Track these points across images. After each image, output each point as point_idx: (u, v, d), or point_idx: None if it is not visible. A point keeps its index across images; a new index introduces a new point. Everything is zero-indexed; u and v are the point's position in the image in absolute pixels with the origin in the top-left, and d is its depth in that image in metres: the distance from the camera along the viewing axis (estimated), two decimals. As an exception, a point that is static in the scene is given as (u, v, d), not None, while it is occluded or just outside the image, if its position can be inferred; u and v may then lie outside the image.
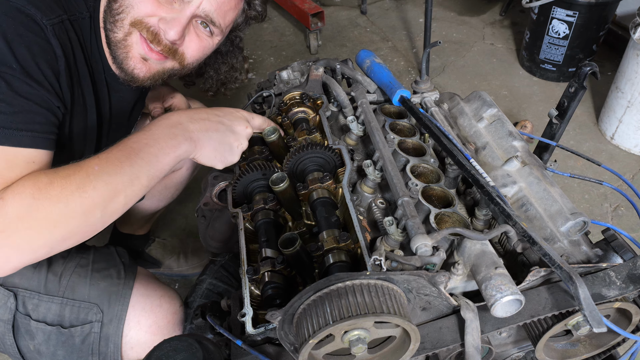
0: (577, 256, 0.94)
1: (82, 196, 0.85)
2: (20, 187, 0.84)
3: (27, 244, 0.83)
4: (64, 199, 0.84)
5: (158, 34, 1.09)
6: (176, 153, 0.97)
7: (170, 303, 1.31)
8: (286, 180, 1.00)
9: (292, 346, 0.82)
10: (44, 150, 0.95)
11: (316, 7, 3.13)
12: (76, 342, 1.20)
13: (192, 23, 1.13)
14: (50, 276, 1.20)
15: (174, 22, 1.08)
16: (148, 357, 0.74)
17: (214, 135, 1.04)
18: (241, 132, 1.10)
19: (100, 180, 0.87)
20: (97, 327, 1.20)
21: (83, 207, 0.86)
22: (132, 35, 1.10)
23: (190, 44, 1.15)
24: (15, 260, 0.85)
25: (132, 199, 0.94)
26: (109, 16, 1.09)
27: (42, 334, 1.18)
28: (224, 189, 1.29)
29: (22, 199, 0.83)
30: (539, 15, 2.75)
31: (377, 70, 1.32)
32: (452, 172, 1.09)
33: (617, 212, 2.21)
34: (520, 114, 2.73)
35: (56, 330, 1.18)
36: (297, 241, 0.90)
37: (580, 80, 1.14)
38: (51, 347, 1.19)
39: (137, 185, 0.92)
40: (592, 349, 1.04)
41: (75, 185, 0.85)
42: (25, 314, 1.17)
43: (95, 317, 1.20)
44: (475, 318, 0.86)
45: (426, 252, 0.83)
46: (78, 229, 0.88)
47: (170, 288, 1.37)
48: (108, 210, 0.90)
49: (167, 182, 1.76)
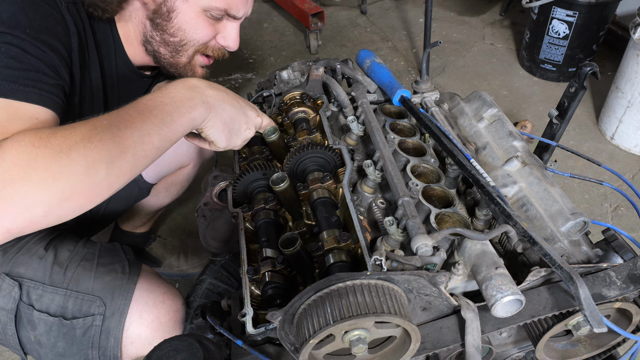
0: (578, 256, 0.94)
1: (87, 147, 0.77)
2: (21, 135, 0.77)
3: (22, 197, 0.73)
4: (66, 148, 0.76)
5: (221, 49, 1.27)
6: (192, 115, 0.92)
7: (172, 300, 1.31)
8: (286, 180, 1.00)
9: (293, 346, 0.82)
10: (49, 110, 0.91)
11: (316, 7, 3.13)
12: (77, 334, 1.20)
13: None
14: (56, 267, 1.21)
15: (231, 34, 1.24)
16: (148, 357, 0.74)
17: (228, 108, 1.01)
18: (252, 119, 1.08)
19: (107, 132, 0.79)
20: (99, 320, 1.20)
21: (87, 159, 0.77)
22: (196, 57, 1.25)
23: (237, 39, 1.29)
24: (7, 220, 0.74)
25: (141, 161, 0.85)
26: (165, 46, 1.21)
27: (44, 324, 1.18)
28: (224, 188, 1.29)
29: (21, 147, 0.75)
30: (539, 15, 2.75)
31: (378, 70, 1.32)
32: (453, 172, 1.09)
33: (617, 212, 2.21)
34: (520, 114, 2.73)
35: (58, 321, 1.18)
36: (298, 241, 0.90)
37: (580, 81, 1.14)
38: (52, 338, 1.19)
39: (148, 144, 0.84)
40: (593, 349, 1.04)
41: (80, 136, 0.77)
42: (28, 304, 1.18)
43: (98, 310, 1.20)
44: (476, 318, 0.86)
45: (427, 252, 0.83)
46: (79, 186, 0.77)
47: (172, 286, 1.37)
48: (114, 168, 0.80)
49: (173, 179, 1.77)
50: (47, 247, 1.25)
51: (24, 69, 0.90)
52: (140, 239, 1.99)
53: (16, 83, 0.87)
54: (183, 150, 1.65)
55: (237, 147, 1.09)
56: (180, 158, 1.68)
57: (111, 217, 1.72)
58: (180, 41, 1.19)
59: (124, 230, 1.94)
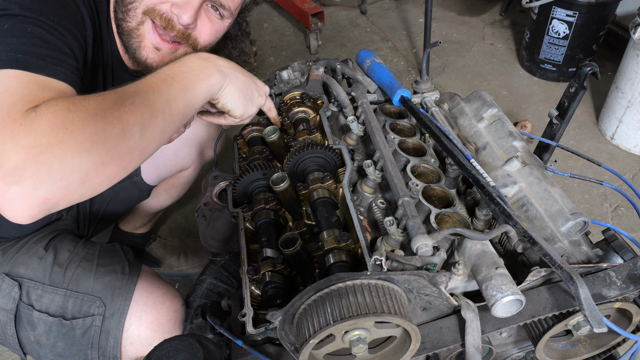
0: (578, 256, 0.94)
1: (121, 110, 0.77)
2: (54, 101, 0.75)
3: (60, 162, 0.70)
4: (100, 112, 0.75)
5: (171, 19, 1.10)
6: (210, 81, 0.97)
7: (172, 301, 1.31)
8: (287, 180, 1.00)
9: (293, 346, 0.82)
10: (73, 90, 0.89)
11: (316, 7, 3.13)
12: (77, 334, 1.20)
13: (203, 7, 1.15)
14: (56, 268, 1.21)
15: (186, 6, 1.10)
16: (149, 357, 0.74)
17: (240, 76, 1.07)
18: (261, 87, 1.14)
19: (137, 97, 0.82)
20: (99, 321, 1.20)
21: (122, 122, 0.77)
22: (145, 24, 1.11)
23: (203, 28, 1.17)
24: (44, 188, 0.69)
25: (170, 126, 0.87)
26: (121, 5, 1.11)
27: (43, 324, 1.18)
28: (224, 188, 1.29)
29: (57, 111, 0.73)
30: (539, 15, 2.75)
31: (378, 70, 1.32)
32: (453, 172, 1.09)
33: (617, 212, 2.21)
34: (520, 114, 2.73)
35: (58, 321, 1.19)
36: (298, 241, 0.90)
37: (580, 81, 1.14)
38: (51, 339, 1.19)
39: (175, 109, 0.87)
40: (593, 349, 1.04)
41: (113, 101, 0.78)
42: (28, 304, 1.18)
43: (98, 311, 1.20)
44: (476, 318, 0.86)
45: (427, 252, 0.83)
46: (116, 150, 0.76)
47: (172, 287, 1.38)
48: (147, 132, 0.81)
49: (174, 182, 1.77)
50: (47, 247, 1.25)
51: (51, 49, 0.90)
52: (140, 240, 1.99)
53: (44, 60, 0.86)
54: (184, 153, 1.65)
55: (251, 116, 1.13)
56: (181, 161, 1.68)
57: (111, 218, 1.72)
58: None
59: (124, 231, 1.94)
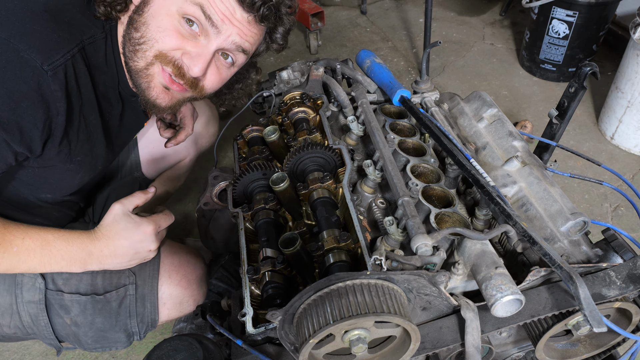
0: (577, 256, 0.94)
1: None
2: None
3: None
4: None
5: (182, 68, 1.07)
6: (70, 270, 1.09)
7: (196, 259, 1.37)
8: (286, 180, 1.00)
9: (293, 346, 0.82)
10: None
11: (316, 7, 3.13)
12: (113, 306, 1.22)
13: (214, 56, 1.11)
14: None
15: (198, 58, 1.06)
16: (148, 357, 0.74)
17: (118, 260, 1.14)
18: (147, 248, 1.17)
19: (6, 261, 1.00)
20: (132, 289, 1.23)
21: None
22: (154, 66, 1.08)
23: (211, 77, 1.13)
24: None
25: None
26: (129, 44, 1.07)
27: (77, 305, 1.20)
28: (224, 188, 1.29)
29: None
30: (539, 15, 2.75)
31: (378, 70, 1.32)
32: (453, 172, 1.09)
33: (617, 212, 2.21)
34: (520, 114, 2.73)
35: (91, 299, 1.20)
36: (298, 241, 0.90)
37: (580, 80, 1.14)
38: (88, 317, 1.21)
39: (32, 271, 1.07)
40: (592, 348, 1.04)
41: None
42: (56, 290, 1.19)
43: (129, 280, 1.23)
44: (476, 318, 0.86)
45: (426, 251, 0.83)
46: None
47: (191, 248, 1.43)
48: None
49: (170, 175, 1.77)
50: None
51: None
52: None
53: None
54: (180, 146, 1.65)
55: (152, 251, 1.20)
56: (179, 154, 1.69)
57: None
58: (140, 37, 1.05)
59: None
